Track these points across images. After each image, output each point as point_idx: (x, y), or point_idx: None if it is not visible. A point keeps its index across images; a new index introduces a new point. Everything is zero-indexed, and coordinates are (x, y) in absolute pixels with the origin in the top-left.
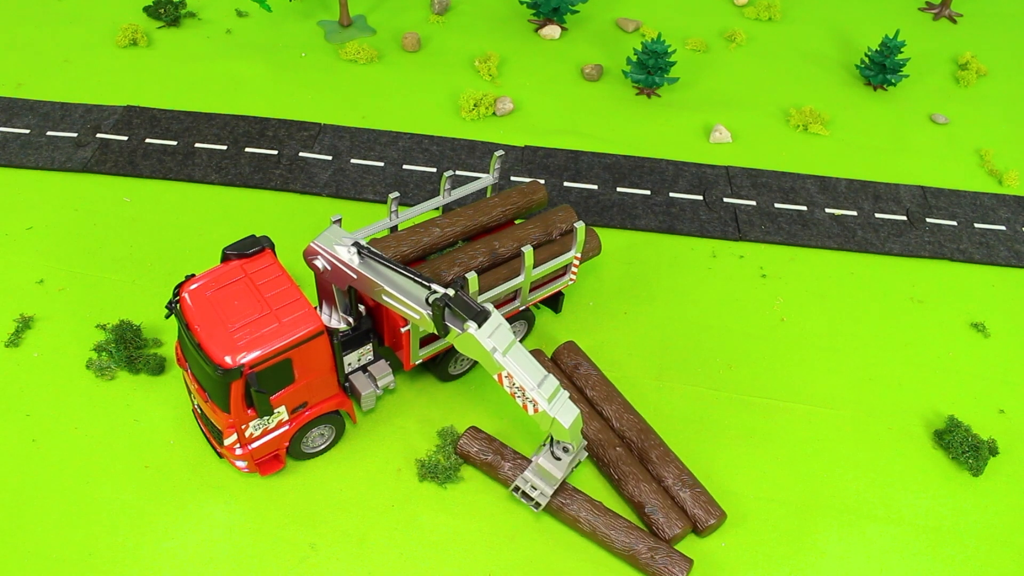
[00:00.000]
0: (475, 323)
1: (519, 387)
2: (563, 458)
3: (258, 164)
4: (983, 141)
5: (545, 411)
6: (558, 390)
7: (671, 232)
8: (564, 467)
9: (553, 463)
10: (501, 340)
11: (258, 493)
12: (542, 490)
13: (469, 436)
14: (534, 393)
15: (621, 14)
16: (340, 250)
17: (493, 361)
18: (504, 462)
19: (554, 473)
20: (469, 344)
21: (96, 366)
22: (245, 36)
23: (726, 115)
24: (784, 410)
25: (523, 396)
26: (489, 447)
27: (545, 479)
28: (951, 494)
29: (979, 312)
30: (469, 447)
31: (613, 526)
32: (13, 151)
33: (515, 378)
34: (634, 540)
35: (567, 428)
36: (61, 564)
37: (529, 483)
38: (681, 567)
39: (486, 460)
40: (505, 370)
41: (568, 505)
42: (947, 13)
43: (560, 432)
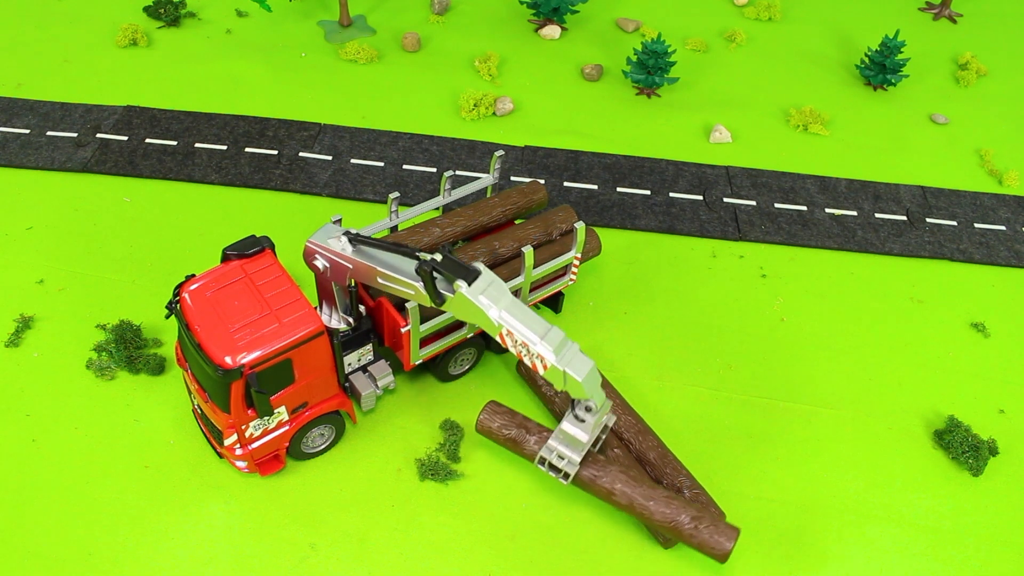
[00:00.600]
0: (464, 282)
1: (522, 344)
2: (588, 419)
3: (258, 164)
4: (983, 141)
5: (554, 365)
6: (565, 341)
7: (671, 232)
8: (590, 429)
9: (578, 426)
10: (495, 296)
11: (258, 493)
12: (569, 459)
13: (490, 411)
14: (539, 347)
15: (621, 14)
16: (333, 243)
17: (490, 321)
18: (529, 436)
19: (580, 438)
20: (464, 306)
21: (96, 366)
22: (245, 36)
23: (726, 115)
24: (784, 410)
25: (528, 353)
26: (512, 421)
27: (571, 446)
28: (951, 494)
29: (979, 312)
30: (490, 422)
31: (651, 497)
32: (13, 151)
33: (516, 334)
34: (675, 511)
35: (581, 381)
36: (61, 564)
37: (555, 452)
38: (728, 536)
39: (509, 436)
40: (504, 327)
41: (600, 477)
42: (947, 13)
43: (576, 388)
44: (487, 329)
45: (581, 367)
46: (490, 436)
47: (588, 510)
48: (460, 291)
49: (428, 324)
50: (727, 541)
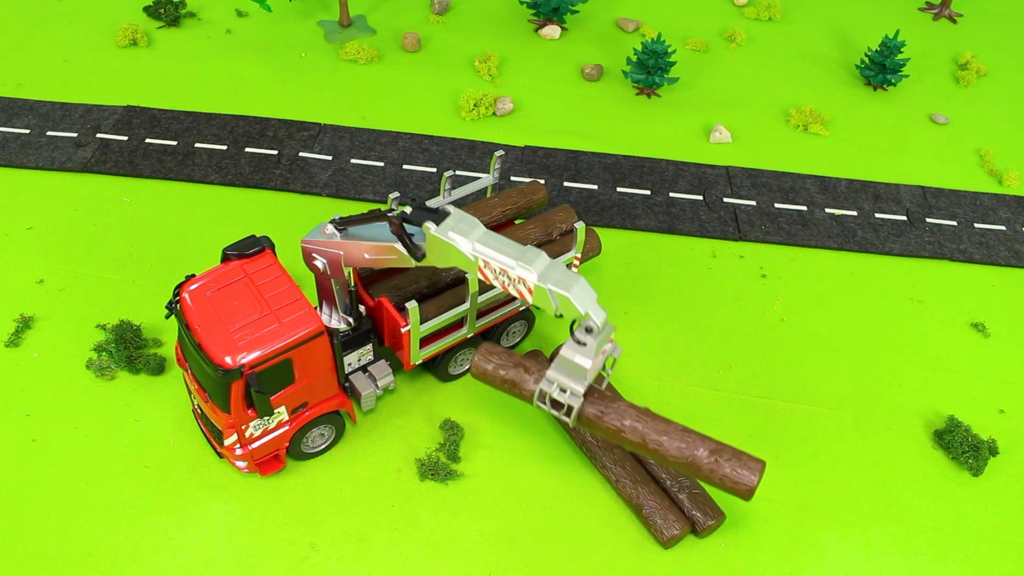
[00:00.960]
0: (432, 223)
1: (501, 271)
2: (589, 342)
3: (258, 164)
4: (983, 141)
5: (537, 285)
6: (547, 260)
7: (671, 232)
8: (592, 354)
9: (579, 351)
10: (465, 230)
11: (258, 493)
12: (572, 390)
13: (485, 352)
14: (519, 271)
15: (621, 14)
16: (323, 236)
17: (466, 257)
18: (528, 375)
19: (582, 364)
20: (439, 249)
21: (96, 366)
22: (245, 36)
23: (726, 115)
24: (784, 410)
25: (510, 280)
26: (508, 361)
27: (573, 375)
28: (951, 494)
29: (979, 312)
30: (485, 364)
31: (665, 431)
32: (13, 151)
33: (492, 263)
34: (691, 445)
35: (569, 295)
36: (61, 564)
37: (555, 384)
38: (752, 468)
39: (507, 377)
40: (479, 259)
41: (607, 414)
42: (947, 13)
43: (567, 306)
44: (466, 268)
45: (568, 282)
46: (486, 379)
47: (588, 510)
48: (429, 232)
49: (428, 324)
50: (752, 474)
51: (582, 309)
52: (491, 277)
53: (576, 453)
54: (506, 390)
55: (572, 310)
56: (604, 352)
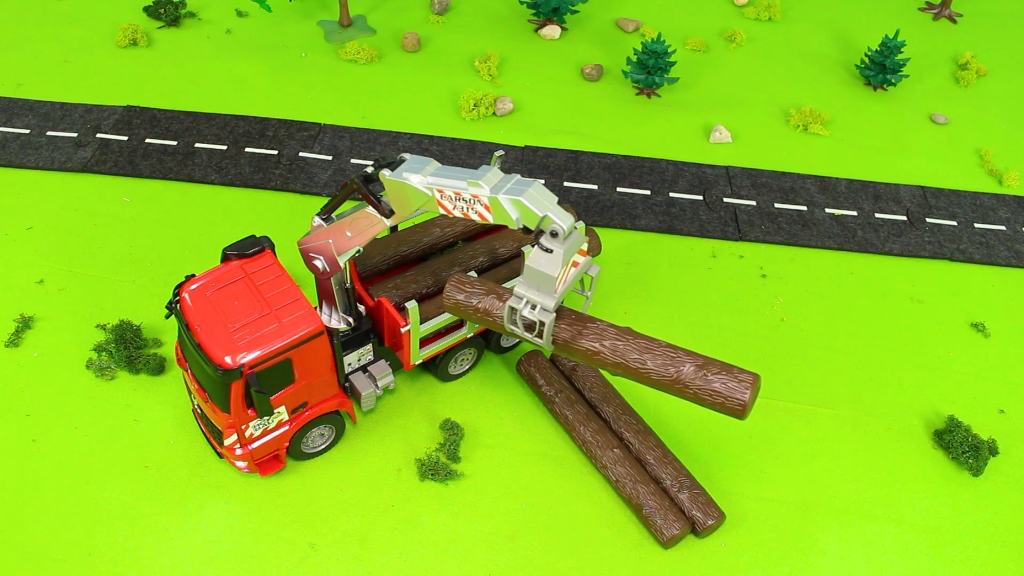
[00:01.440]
0: (387, 169)
1: (455, 196)
2: (556, 248)
3: (258, 164)
4: (983, 141)
5: (491, 197)
6: (500, 174)
7: (671, 232)
8: (560, 262)
9: (545, 259)
10: (418, 167)
11: (258, 493)
12: (542, 304)
13: (456, 282)
14: (470, 189)
15: (621, 14)
16: (313, 233)
17: (421, 191)
18: (501, 302)
19: (548, 271)
20: (399, 194)
21: (96, 366)
22: (245, 36)
23: (726, 115)
24: (784, 410)
25: (467, 203)
26: (481, 289)
27: (542, 287)
28: (951, 494)
29: (979, 312)
30: (456, 295)
31: (648, 348)
32: (13, 151)
33: (446, 190)
34: (676, 362)
35: (522, 199)
36: (61, 564)
37: (525, 300)
38: (744, 381)
39: (479, 307)
40: (434, 191)
41: (584, 335)
42: (947, 13)
43: (527, 213)
44: (426, 204)
45: (522, 188)
46: (459, 311)
47: (588, 510)
48: (385, 178)
49: (428, 324)
50: (744, 387)
51: (540, 212)
52: (450, 207)
53: (576, 453)
54: (479, 320)
55: (531, 216)
56: (576, 265)
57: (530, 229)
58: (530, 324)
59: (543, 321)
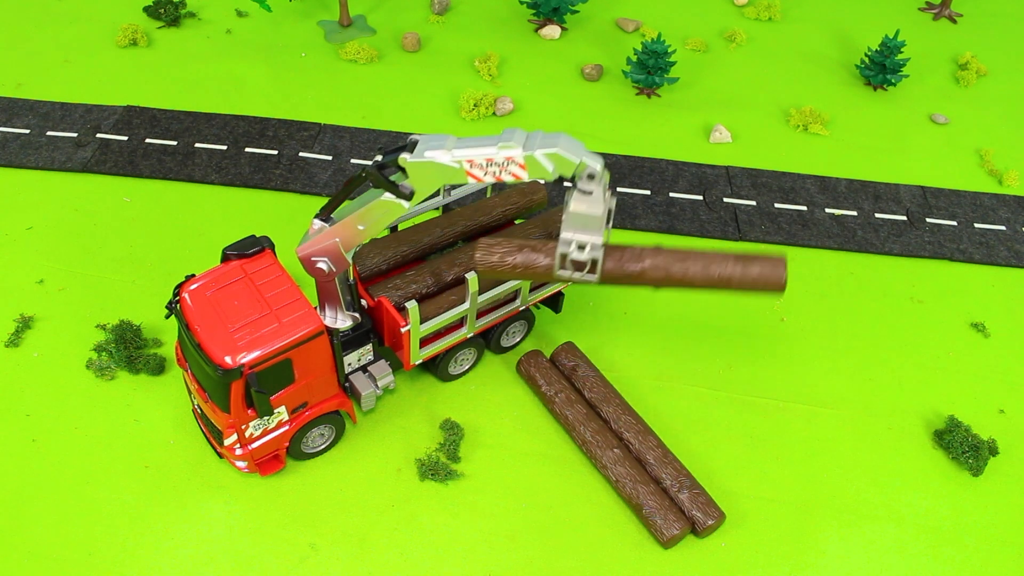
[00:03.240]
0: (406, 152)
1: (487, 162)
2: (595, 189)
3: (258, 164)
4: (983, 141)
5: (526, 155)
6: (526, 133)
7: (671, 232)
8: (601, 199)
9: (587, 200)
10: (438, 144)
11: (258, 493)
12: (591, 243)
13: (485, 246)
14: (503, 153)
15: (621, 14)
16: (312, 234)
17: (450, 167)
18: (537, 254)
19: (594, 211)
20: (423, 175)
21: (96, 366)
22: (245, 36)
23: (726, 115)
24: (784, 410)
25: (499, 166)
26: (513, 246)
27: (588, 227)
28: (951, 494)
29: (979, 312)
30: (489, 256)
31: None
32: (13, 151)
33: (476, 159)
34: (715, 263)
35: (558, 151)
36: (61, 564)
37: (572, 244)
38: (777, 263)
39: (516, 263)
40: (462, 162)
41: (625, 261)
42: (947, 13)
43: (562, 163)
44: (453, 179)
45: (552, 140)
46: (493, 273)
47: (588, 510)
48: (407, 162)
49: (428, 324)
50: (779, 267)
51: (576, 159)
52: (481, 175)
53: (576, 453)
54: (518, 276)
55: (567, 164)
56: (606, 194)
57: (565, 178)
58: (579, 264)
59: (595, 258)
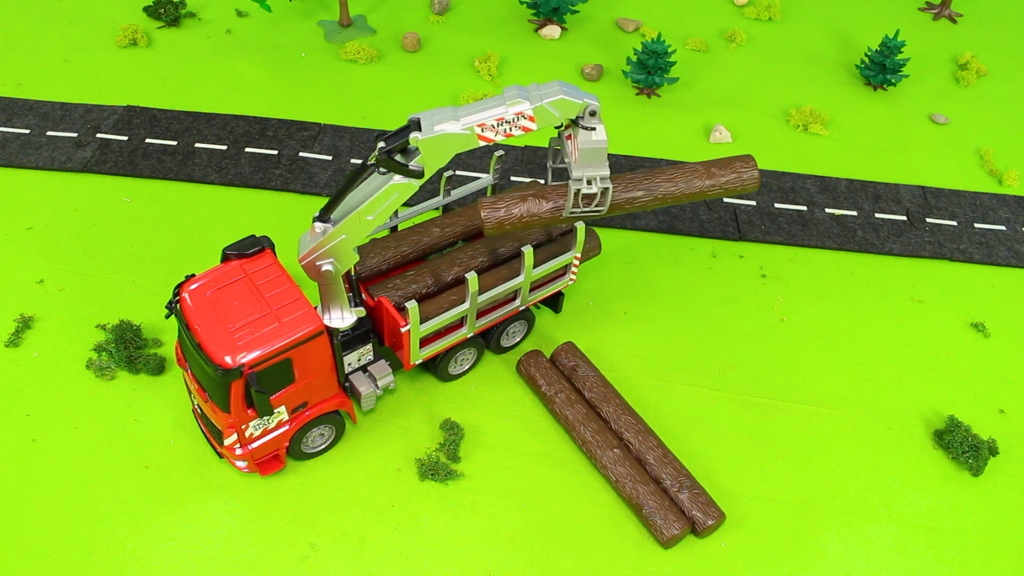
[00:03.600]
0: (416, 133)
1: (499, 121)
2: (597, 124)
3: (258, 164)
4: (983, 141)
5: (534, 107)
6: (524, 88)
7: (671, 232)
8: (604, 132)
9: (594, 135)
10: (443, 117)
11: (258, 493)
12: (600, 176)
13: (487, 205)
14: (510, 109)
15: (621, 14)
16: (314, 239)
17: (462, 136)
18: (543, 200)
19: (601, 144)
20: (435, 149)
21: (96, 366)
22: (245, 36)
23: (726, 115)
24: (784, 410)
25: (510, 123)
26: (515, 198)
27: (595, 161)
28: (951, 494)
29: (979, 312)
30: (495, 213)
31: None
32: (13, 151)
33: (487, 121)
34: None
35: (561, 94)
36: (61, 564)
37: (583, 179)
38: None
39: (522, 215)
40: (472, 127)
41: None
42: (947, 13)
43: (568, 107)
44: (467, 145)
45: (552, 89)
46: (503, 227)
47: (588, 510)
48: (419, 140)
49: (428, 324)
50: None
51: (580, 100)
52: (492, 136)
53: (576, 453)
54: (525, 226)
55: (573, 107)
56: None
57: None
58: (589, 198)
59: (606, 188)
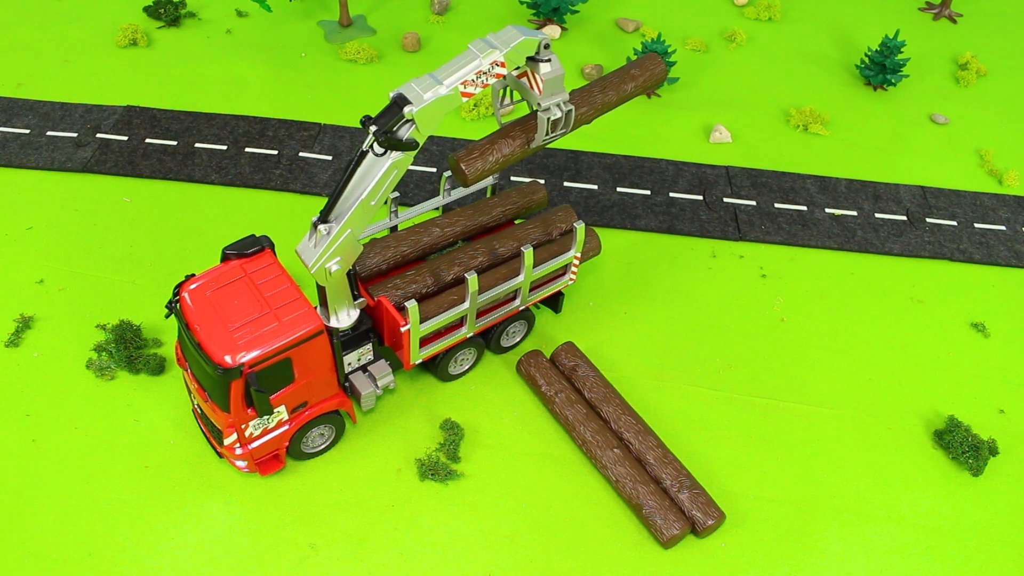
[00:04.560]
0: (410, 107)
1: (476, 75)
2: (552, 56)
3: (258, 164)
4: (983, 141)
5: (506, 53)
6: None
7: (671, 232)
8: (557, 61)
9: (551, 65)
10: (428, 83)
11: (258, 493)
12: (562, 99)
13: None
14: (487, 59)
15: (621, 14)
16: (317, 242)
17: (449, 96)
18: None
19: (558, 72)
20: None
21: (96, 366)
22: (245, 36)
23: (726, 115)
24: (784, 410)
25: (484, 74)
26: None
27: (556, 89)
28: (951, 494)
29: (979, 312)
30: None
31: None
32: (13, 151)
33: (467, 77)
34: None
35: (526, 36)
36: (61, 564)
37: (551, 106)
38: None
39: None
40: (456, 86)
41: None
42: (947, 13)
43: (530, 45)
44: (453, 105)
45: (512, 34)
46: (483, 174)
47: (588, 510)
48: (415, 113)
49: (428, 324)
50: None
51: (536, 36)
52: (472, 91)
53: (576, 453)
54: (503, 166)
55: (533, 44)
56: None
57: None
58: (556, 123)
59: (571, 109)
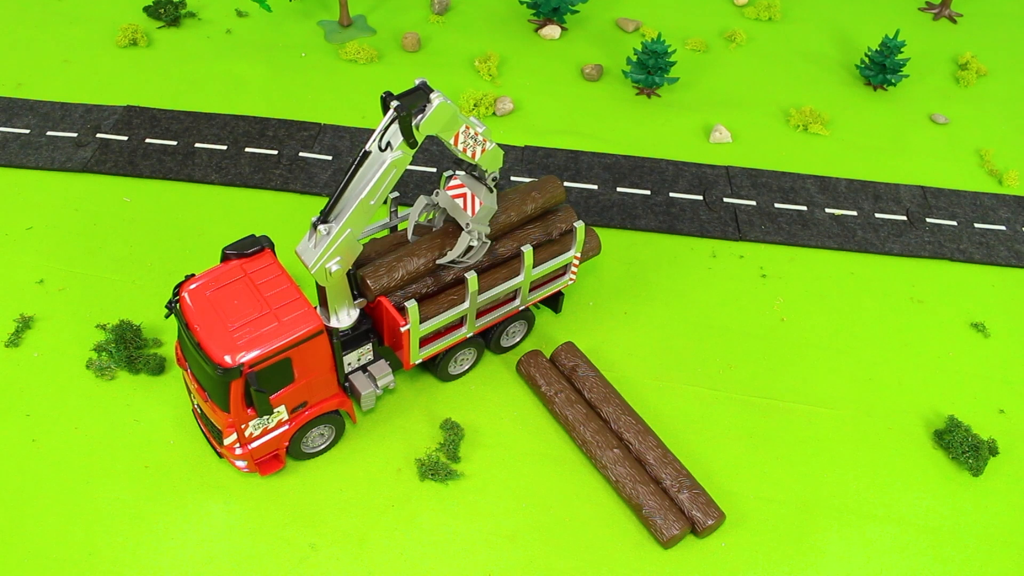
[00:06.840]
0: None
1: (473, 136)
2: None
3: (258, 164)
4: (983, 141)
5: (491, 146)
6: None
7: (671, 232)
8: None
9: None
10: None
11: (258, 493)
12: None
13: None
14: (481, 130)
15: (621, 14)
16: (318, 244)
17: (458, 119)
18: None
19: (495, 205)
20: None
21: (96, 366)
22: (245, 36)
23: (726, 115)
24: (784, 410)
25: (474, 141)
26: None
27: (486, 220)
28: (951, 494)
29: (979, 312)
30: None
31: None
32: (13, 151)
33: (471, 127)
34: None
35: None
36: (61, 564)
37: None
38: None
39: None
40: (462, 122)
41: None
42: (947, 13)
43: (496, 157)
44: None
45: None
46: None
47: (588, 510)
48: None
49: (428, 324)
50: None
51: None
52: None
53: (576, 453)
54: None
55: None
56: None
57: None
58: (469, 249)
59: (488, 244)
